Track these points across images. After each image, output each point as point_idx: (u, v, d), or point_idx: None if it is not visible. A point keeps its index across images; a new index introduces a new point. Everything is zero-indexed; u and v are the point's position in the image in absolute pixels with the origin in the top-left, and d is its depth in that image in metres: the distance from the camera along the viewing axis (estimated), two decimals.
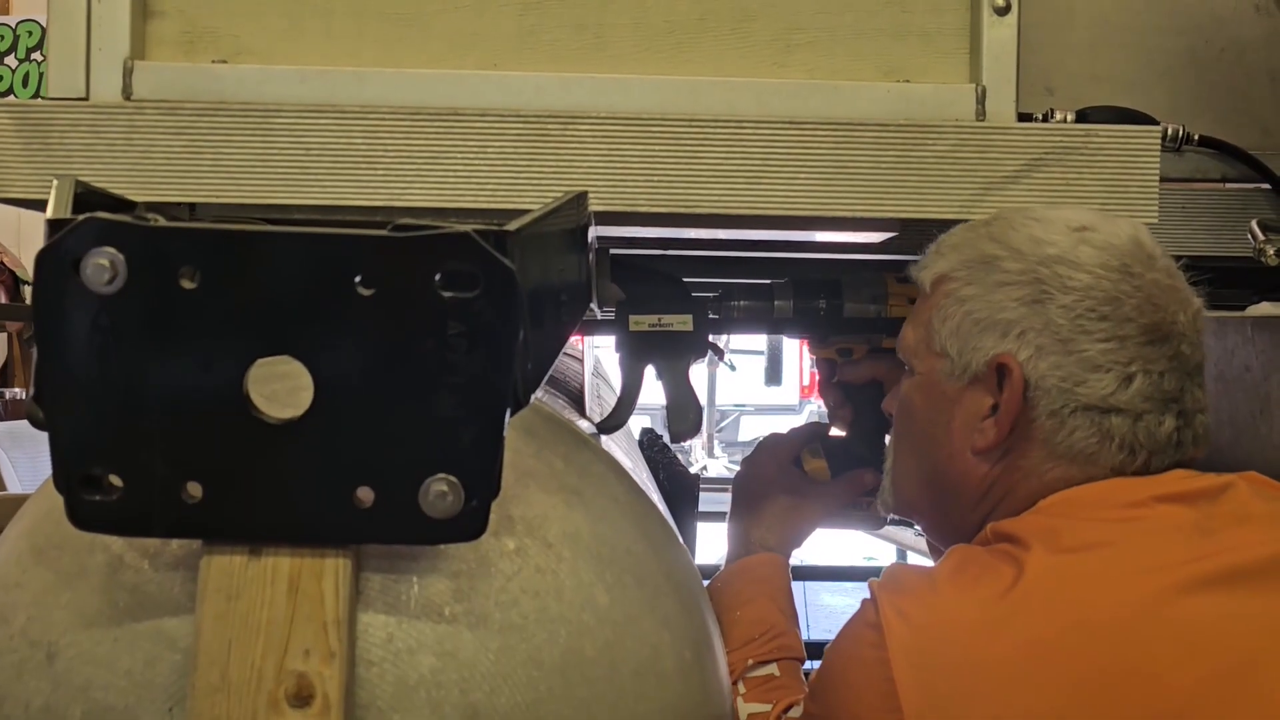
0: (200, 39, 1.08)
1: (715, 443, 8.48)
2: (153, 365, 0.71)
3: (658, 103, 1.08)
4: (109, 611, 0.80)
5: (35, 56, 4.71)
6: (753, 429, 8.67)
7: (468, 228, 0.71)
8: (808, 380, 8.45)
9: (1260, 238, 1.39)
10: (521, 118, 1.05)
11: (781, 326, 1.45)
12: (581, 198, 0.98)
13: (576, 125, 1.05)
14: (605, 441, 1.38)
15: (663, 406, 1.36)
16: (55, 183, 0.82)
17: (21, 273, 4.40)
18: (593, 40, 1.10)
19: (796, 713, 1.08)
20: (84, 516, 0.74)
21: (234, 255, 0.71)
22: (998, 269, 1.03)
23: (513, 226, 0.74)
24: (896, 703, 0.88)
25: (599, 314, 1.35)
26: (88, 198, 0.84)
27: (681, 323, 1.34)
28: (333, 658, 0.74)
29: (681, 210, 1.07)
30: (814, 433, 1.44)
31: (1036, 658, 0.87)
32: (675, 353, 1.35)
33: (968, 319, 1.03)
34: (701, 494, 2.06)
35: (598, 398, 1.85)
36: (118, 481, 0.73)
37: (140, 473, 0.73)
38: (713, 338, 1.43)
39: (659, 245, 1.46)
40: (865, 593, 0.96)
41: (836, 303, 1.39)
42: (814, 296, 1.40)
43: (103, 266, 0.69)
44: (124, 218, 0.71)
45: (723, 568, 1.33)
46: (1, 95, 4.73)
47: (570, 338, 1.12)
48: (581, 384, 1.84)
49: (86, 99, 1.04)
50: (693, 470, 2.39)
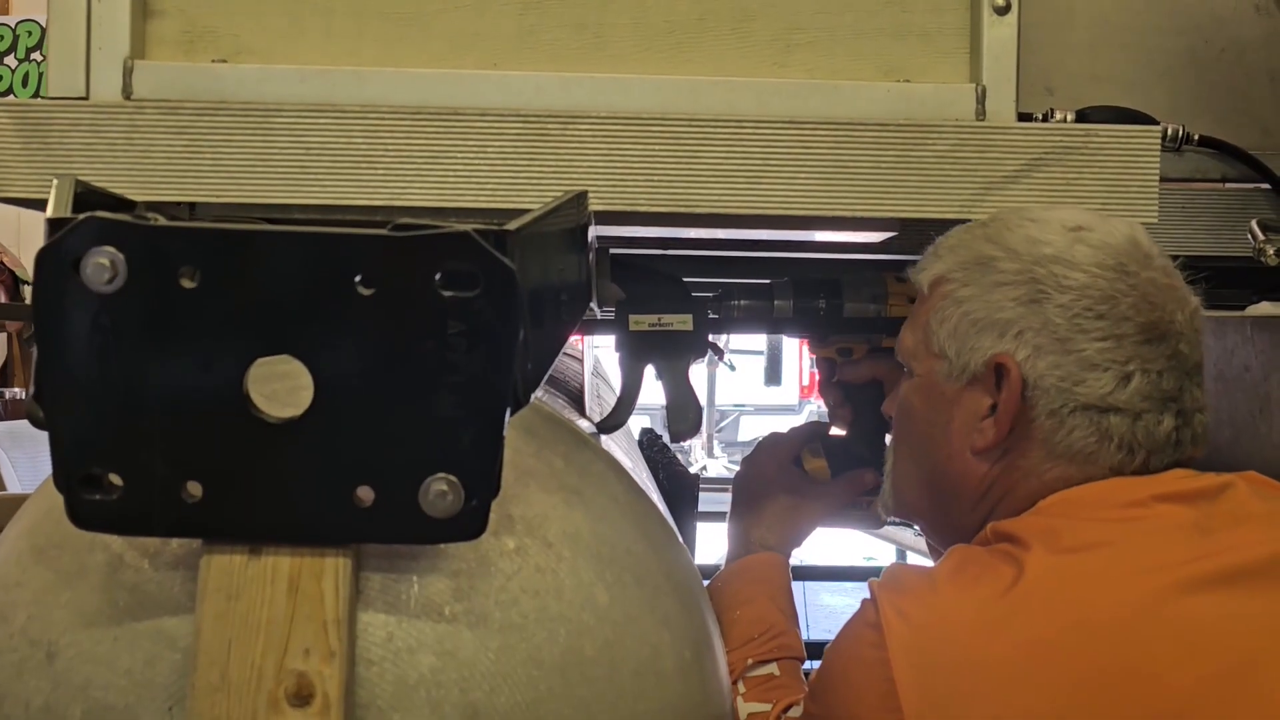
0: (200, 38, 1.08)
1: (715, 443, 8.48)
2: (153, 365, 0.72)
3: (658, 102, 1.08)
4: (109, 611, 0.80)
5: (35, 56, 4.71)
6: (752, 429, 8.67)
7: (468, 227, 0.71)
8: (807, 380, 8.45)
9: (1260, 237, 1.39)
10: (521, 117, 1.05)
11: (781, 326, 1.45)
12: (581, 197, 0.98)
13: (576, 125, 1.05)
14: (605, 441, 1.38)
15: (662, 406, 1.36)
16: (55, 182, 0.82)
17: (21, 272, 4.40)
18: (593, 40, 1.10)
19: (796, 712, 1.08)
20: (84, 516, 0.74)
21: (234, 255, 0.71)
22: (994, 269, 1.02)
23: (513, 226, 0.74)
24: (896, 702, 0.88)
25: (599, 313, 1.35)
26: (88, 197, 0.84)
27: (681, 322, 1.34)
28: (333, 657, 0.74)
29: (681, 210, 1.07)
30: (814, 432, 1.44)
31: (1036, 657, 0.87)
32: (675, 352, 1.35)
33: (965, 320, 1.03)
34: (701, 494, 2.06)
35: (597, 397, 1.85)
36: (118, 481, 0.73)
37: (140, 472, 0.73)
38: (712, 337, 1.43)
39: (659, 245, 1.46)
40: (865, 593, 0.96)
41: (836, 302, 1.39)
42: (814, 296, 1.40)
43: (103, 266, 0.70)
44: (124, 217, 0.71)
45: (723, 567, 1.33)
46: (1, 95, 4.72)
47: (570, 337, 1.11)
48: (581, 384, 1.83)
49: (86, 98, 1.05)
50: (692, 470, 2.38)
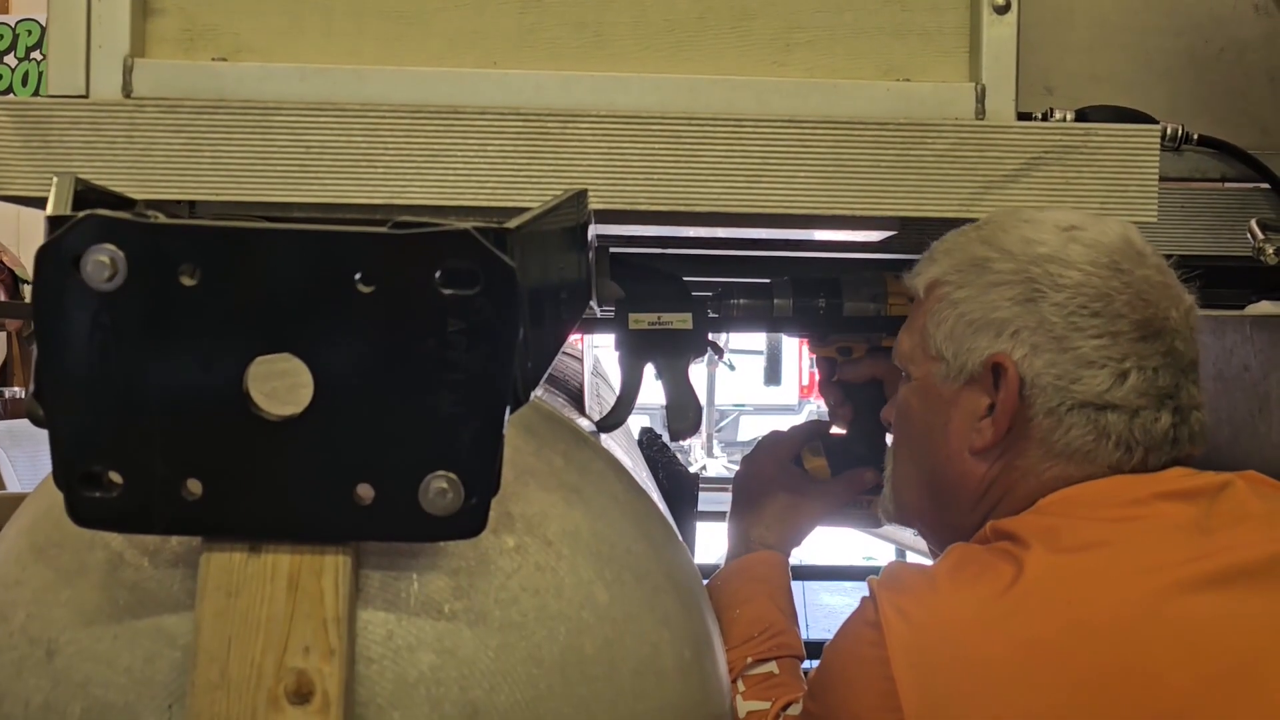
0: (200, 37, 1.08)
1: (714, 442, 8.47)
2: (153, 362, 0.71)
3: (657, 101, 1.08)
4: (109, 609, 0.80)
5: (35, 55, 4.70)
6: (752, 429, 8.67)
7: (468, 225, 0.71)
8: (807, 380, 8.45)
9: (1259, 237, 1.39)
10: (521, 116, 1.05)
11: (781, 325, 1.45)
12: (581, 196, 0.98)
13: (576, 123, 1.05)
14: (605, 440, 1.37)
15: (662, 406, 1.36)
16: (55, 180, 0.82)
17: (20, 271, 4.40)
18: (592, 38, 1.10)
19: (795, 710, 1.08)
20: (84, 514, 0.74)
21: (234, 253, 0.71)
22: (989, 270, 1.03)
23: (513, 224, 0.74)
24: (896, 701, 0.88)
25: (598, 312, 1.35)
26: (87, 195, 0.84)
27: (681, 321, 1.34)
28: (332, 655, 0.74)
29: (681, 208, 1.07)
30: (814, 431, 1.44)
31: (1036, 656, 0.87)
32: (675, 351, 1.35)
33: (961, 321, 1.03)
34: (701, 493, 2.06)
35: (597, 396, 1.85)
36: (117, 479, 0.73)
37: (140, 470, 0.73)
38: (712, 336, 1.43)
39: (659, 243, 1.46)
40: (864, 592, 0.96)
41: (836, 301, 1.39)
42: (813, 295, 1.40)
43: (103, 264, 0.69)
44: (124, 215, 0.71)
45: (722, 566, 1.33)
46: (1, 94, 4.72)
47: (570, 336, 1.11)
48: (581, 383, 1.83)
49: (86, 96, 1.04)
50: (692, 469, 2.38)
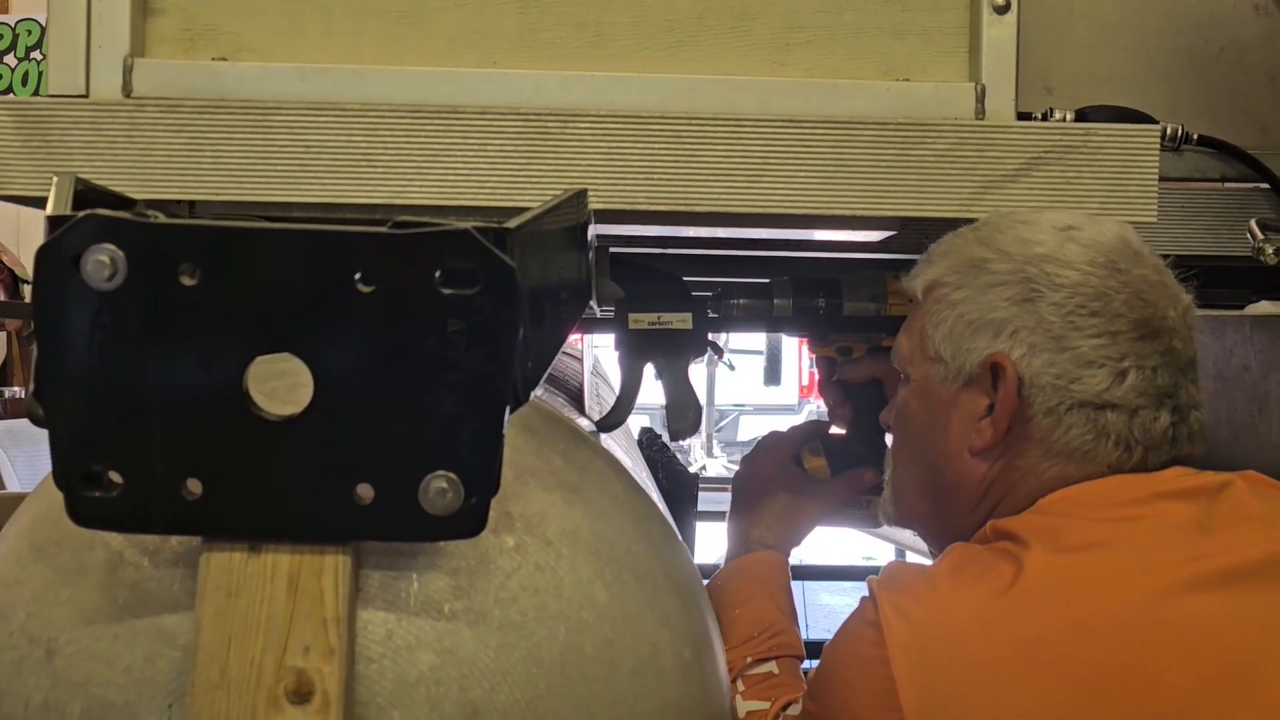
0: (200, 36, 1.08)
1: (714, 442, 8.47)
2: (153, 362, 0.72)
3: (657, 101, 1.08)
4: (108, 608, 0.80)
5: (34, 55, 4.70)
6: (752, 429, 8.67)
7: (468, 225, 0.71)
8: (807, 380, 8.45)
9: (1259, 237, 1.39)
10: (521, 116, 1.05)
11: (781, 325, 1.45)
12: (581, 195, 0.98)
13: (576, 123, 1.05)
14: (604, 440, 1.37)
15: (662, 406, 1.36)
16: (55, 180, 0.82)
17: (20, 271, 4.39)
18: (592, 38, 1.10)
19: (795, 710, 1.08)
20: (84, 513, 0.74)
21: (234, 252, 0.71)
22: (987, 271, 1.03)
23: (513, 224, 0.74)
24: (896, 701, 0.88)
25: (598, 312, 1.35)
26: (87, 195, 0.84)
27: (681, 321, 1.34)
28: (332, 654, 0.74)
29: (681, 208, 1.07)
30: (814, 431, 1.44)
31: (1036, 656, 0.87)
32: (675, 351, 1.35)
33: (960, 322, 1.03)
34: (700, 493, 2.06)
35: (597, 396, 1.85)
36: (117, 478, 0.73)
37: (140, 469, 0.73)
38: (712, 336, 1.43)
39: (658, 243, 1.46)
40: (864, 592, 0.96)
41: (836, 301, 1.39)
42: (813, 295, 1.40)
43: (103, 263, 0.70)
44: (124, 215, 0.71)
45: (722, 566, 1.33)
46: (1, 94, 4.72)
47: (569, 336, 1.11)
48: (581, 382, 1.83)
49: (86, 96, 1.04)
50: (691, 469, 2.38)
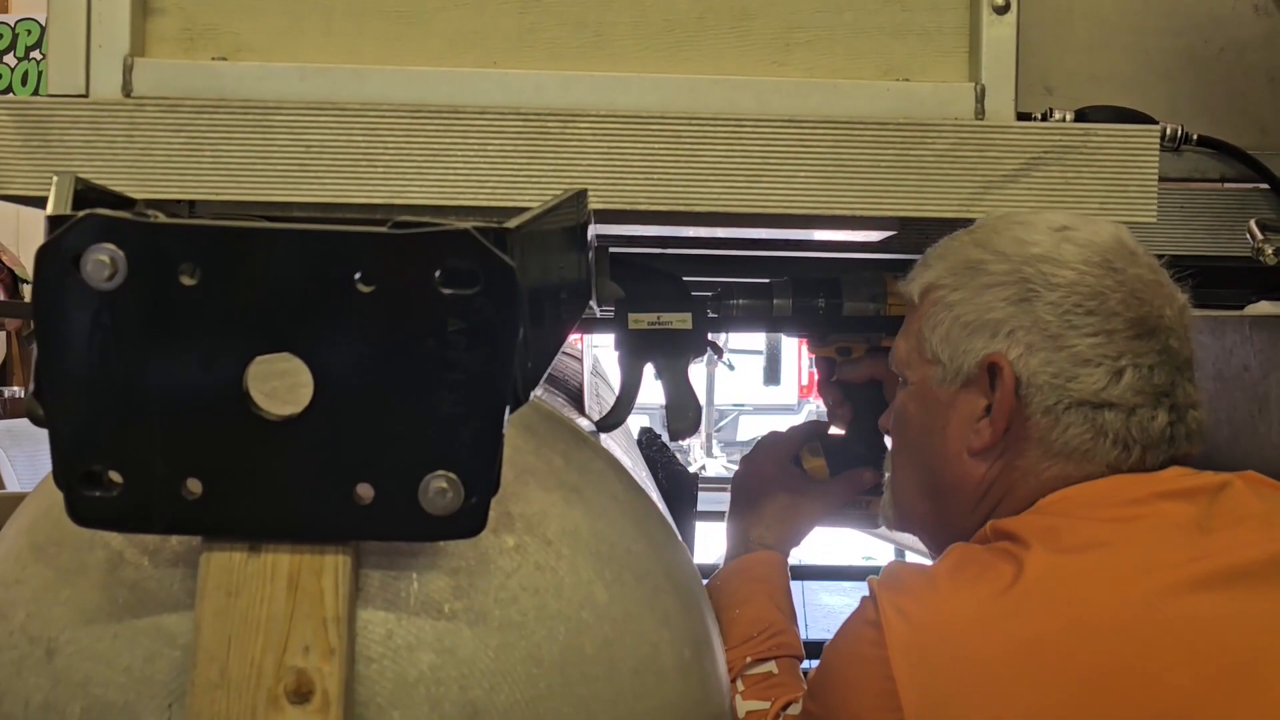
0: (200, 36, 1.08)
1: (714, 442, 8.47)
2: (153, 362, 0.72)
3: (657, 101, 1.08)
4: (108, 608, 0.80)
5: (34, 55, 4.70)
6: (751, 428, 8.66)
7: (468, 225, 0.71)
8: (806, 380, 8.45)
9: (1259, 237, 1.39)
10: (521, 115, 1.05)
11: (780, 325, 1.45)
12: (581, 195, 0.98)
13: (576, 123, 1.05)
14: (604, 440, 1.37)
15: (661, 405, 1.36)
16: (55, 179, 0.82)
17: (20, 271, 4.39)
18: (592, 38, 1.10)
19: (795, 710, 1.08)
20: (84, 513, 0.74)
21: (234, 252, 0.71)
22: (983, 272, 1.03)
23: (513, 224, 0.74)
24: (896, 701, 0.88)
25: (598, 312, 1.35)
26: (87, 194, 0.84)
27: (681, 321, 1.34)
28: (332, 654, 0.74)
29: (681, 208, 1.07)
30: (813, 431, 1.44)
31: (1036, 656, 0.87)
32: (674, 351, 1.35)
33: (957, 323, 1.04)
34: (700, 493, 2.06)
35: (596, 396, 1.85)
36: (117, 478, 0.73)
37: (140, 469, 0.73)
38: (712, 336, 1.43)
39: (658, 243, 1.45)
40: (864, 592, 0.96)
41: (835, 301, 1.39)
42: (813, 295, 1.40)
43: (103, 263, 0.70)
44: (124, 214, 0.71)
45: (721, 566, 1.33)
46: (0, 94, 4.72)
47: (569, 336, 1.11)
48: (580, 382, 1.83)
49: (86, 96, 1.04)
50: (691, 469, 2.38)
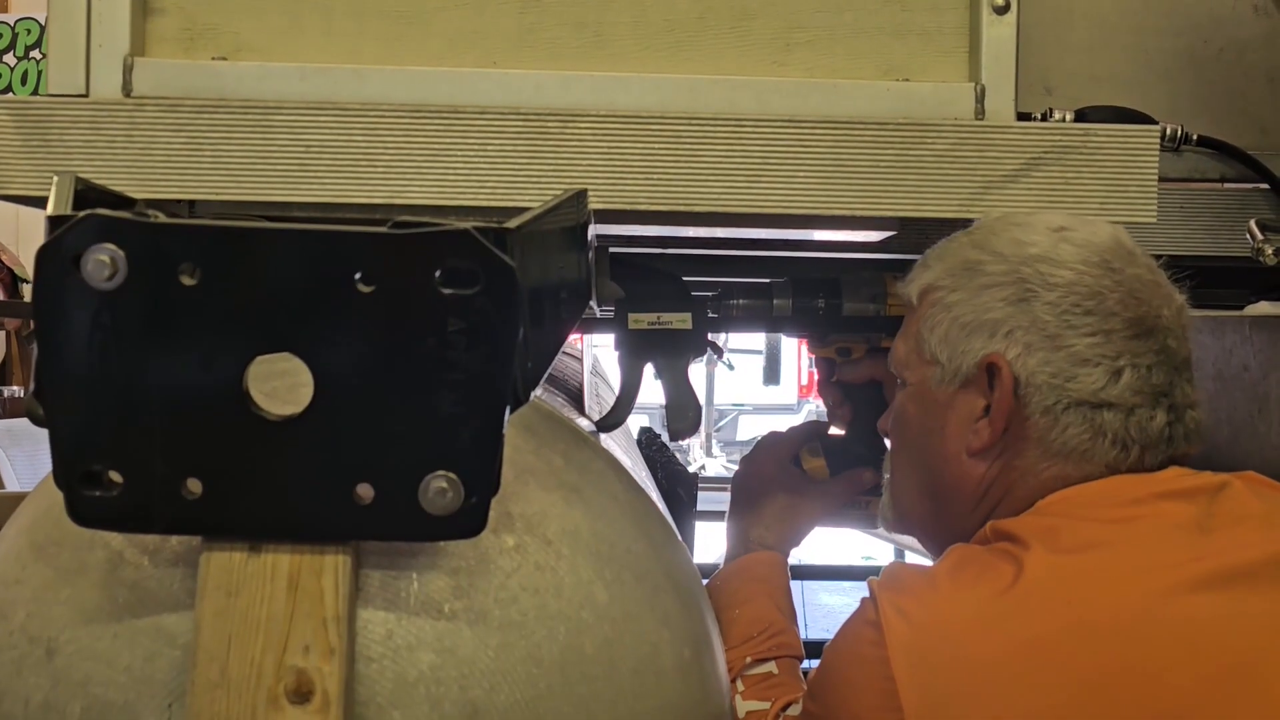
0: (200, 36, 1.08)
1: (713, 442, 8.47)
2: (153, 362, 0.72)
3: (657, 101, 1.08)
4: (108, 607, 0.81)
5: (34, 54, 4.70)
6: (751, 428, 8.67)
7: (468, 225, 0.71)
8: (806, 380, 8.45)
9: (1259, 237, 1.39)
10: (521, 115, 1.05)
11: (780, 325, 1.45)
12: (581, 195, 0.98)
13: (576, 123, 1.05)
14: (604, 440, 1.37)
15: (661, 405, 1.36)
16: (55, 179, 0.82)
17: (20, 270, 4.39)
18: (592, 38, 1.10)
19: (795, 710, 1.08)
20: (84, 513, 0.74)
21: (234, 252, 0.71)
22: (981, 272, 1.03)
23: (513, 224, 0.74)
24: (896, 701, 0.88)
25: (598, 312, 1.35)
26: (87, 194, 0.84)
27: (681, 321, 1.34)
28: (332, 654, 0.74)
29: (681, 208, 1.07)
30: (813, 431, 1.44)
31: (1036, 657, 0.87)
32: (674, 351, 1.35)
33: (955, 324, 1.04)
34: (700, 493, 2.06)
35: (596, 396, 1.85)
36: (117, 478, 0.73)
37: (140, 469, 0.73)
38: (711, 336, 1.43)
39: (658, 243, 1.46)
40: (864, 592, 0.96)
41: (835, 302, 1.39)
42: (813, 295, 1.40)
43: (103, 263, 0.70)
44: (124, 214, 0.71)
45: (721, 566, 1.33)
46: (0, 93, 4.72)
47: (569, 336, 1.11)
48: (580, 382, 1.83)
49: (86, 95, 1.04)
50: (691, 469, 2.38)
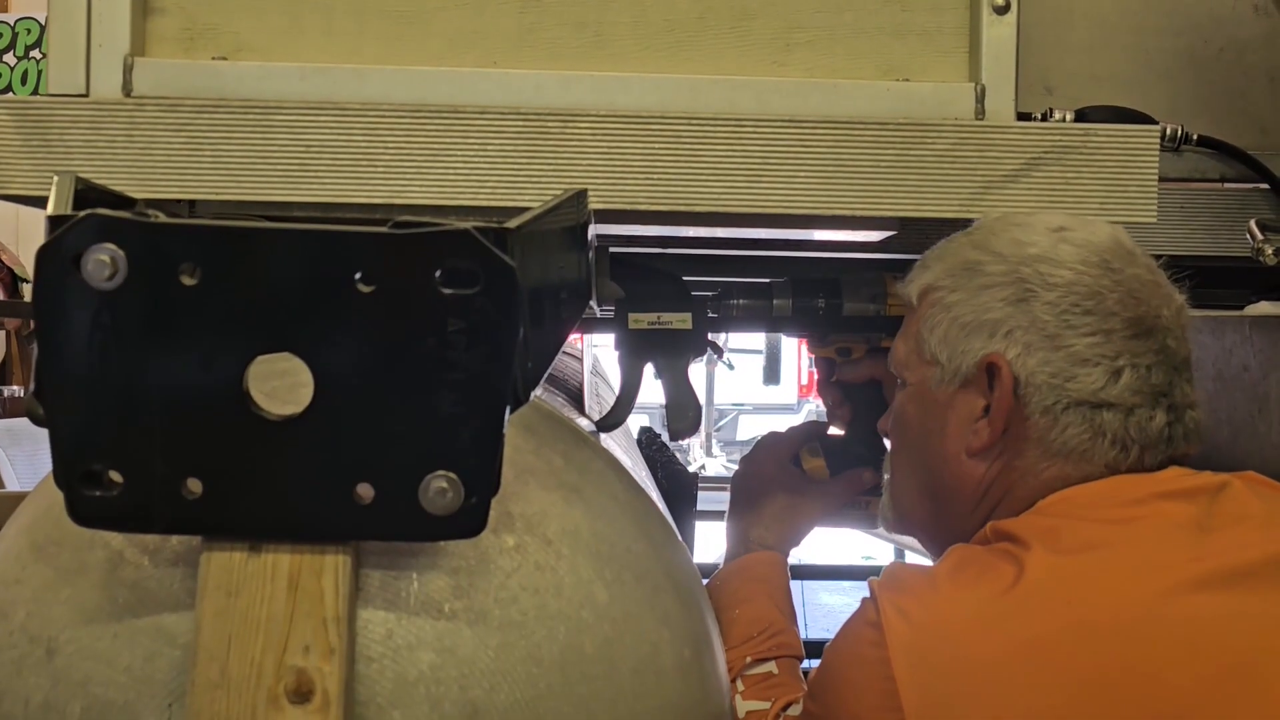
0: (200, 36, 1.08)
1: (713, 442, 8.47)
2: (153, 362, 0.72)
3: (657, 101, 1.08)
4: (109, 607, 0.81)
5: (34, 54, 4.70)
6: (751, 428, 8.67)
7: (468, 225, 0.71)
8: (806, 379, 8.45)
9: (1259, 237, 1.39)
10: (521, 115, 1.05)
11: (780, 325, 1.45)
12: (581, 195, 0.98)
13: (576, 123, 1.05)
14: (604, 439, 1.37)
15: (661, 405, 1.36)
16: (55, 179, 0.82)
17: (20, 270, 4.39)
18: (592, 38, 1.10)
19: (795, 710, 1.08)
20: (84, 513, 0.74)
21: (234, 252, 0.71)
22: (981, 273, 1.03)
23: (513, 224, 0.74)
24: (897, 701, 0.88)
25: (598, 312, 1.35)
26: (88, 194, 0.84)
27: (681, 321, 1.34)
28: (332, 654, 0.74)
29: (681, 208, 1.07)
30: (813, 431, 1.44)
31: (1037, 657, 0.87)
32: (674, 351, 1.35)
33: (955, 324, 1.04)
34: (700, 493, 2.06)
35: (596, 396, 1.85)
36: (118, 478, 0.73)
37: (140, 469, 0.73)
38: (712, 336, 1.43)
39: (658, 243, 1.46)
40: (864, 592, 0.96)
41: (835, 302, 1.39)
42: (813, 295, 1.40)
43: (103, 263, 0.70)
44: (124, 214, 0.71)
45: (721, 566, 1.33)
46: (0, 93, 4.72)
47: (569, 336, 1.11)
48: (580, 382, 1.83)
49: (86, 95, 1.04)
50: (691, 469, 2.38)
